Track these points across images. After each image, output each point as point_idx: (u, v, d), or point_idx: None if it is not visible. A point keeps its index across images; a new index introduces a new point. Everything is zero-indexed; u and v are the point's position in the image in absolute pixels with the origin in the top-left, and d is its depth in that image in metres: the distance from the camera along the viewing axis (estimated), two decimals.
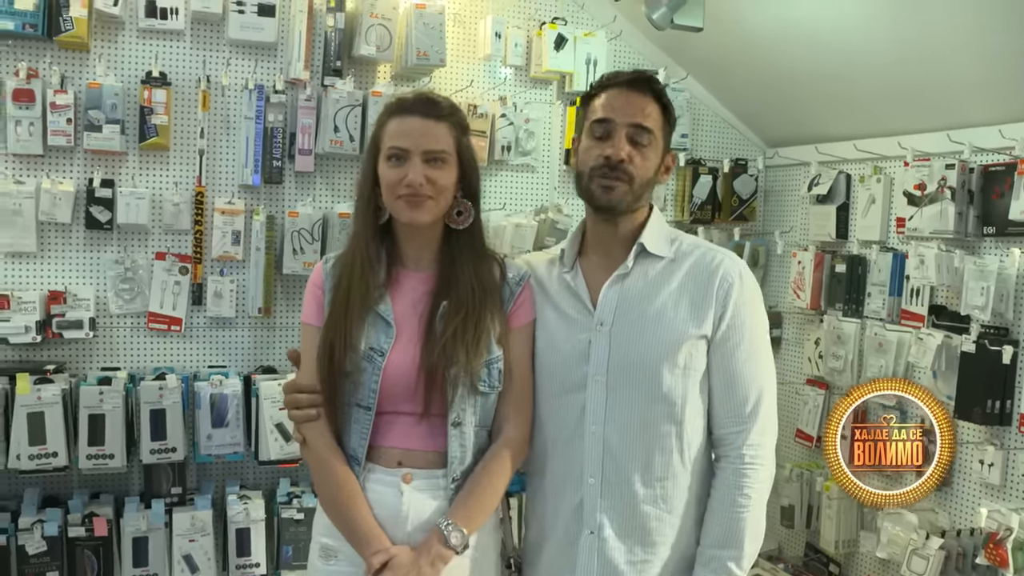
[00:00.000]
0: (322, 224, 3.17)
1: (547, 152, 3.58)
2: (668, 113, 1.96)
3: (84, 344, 3.01)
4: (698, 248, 1.98)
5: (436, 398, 1.88)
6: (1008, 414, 2.71)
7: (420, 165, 1.85)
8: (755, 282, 1.97)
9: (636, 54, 3.70)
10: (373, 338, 1.89)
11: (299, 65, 3.10)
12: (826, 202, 3.46)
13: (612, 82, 1.95)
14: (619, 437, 1.91)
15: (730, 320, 1.90)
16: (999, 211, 2.75)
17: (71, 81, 2.94)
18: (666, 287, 1.93)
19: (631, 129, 1.89)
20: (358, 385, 1.89)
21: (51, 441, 2.74)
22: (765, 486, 1.91)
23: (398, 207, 1.88)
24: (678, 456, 1.91)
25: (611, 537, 1.92)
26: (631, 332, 1.91)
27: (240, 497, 3.04)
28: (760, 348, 1.94)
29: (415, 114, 1.88)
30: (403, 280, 1.96)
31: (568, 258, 2.02)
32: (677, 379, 1.89)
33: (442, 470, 1.91)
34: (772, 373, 1.96)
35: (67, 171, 2.96)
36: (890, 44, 2.82)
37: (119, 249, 3.03)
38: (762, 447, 1.90)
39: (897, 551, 2.92)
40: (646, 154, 1.90)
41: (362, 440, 1.90)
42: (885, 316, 3.15)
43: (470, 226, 1.97)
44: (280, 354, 3.23)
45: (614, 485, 1.92)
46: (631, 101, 1.90)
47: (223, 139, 3.13)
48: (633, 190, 1.90)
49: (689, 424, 1.91)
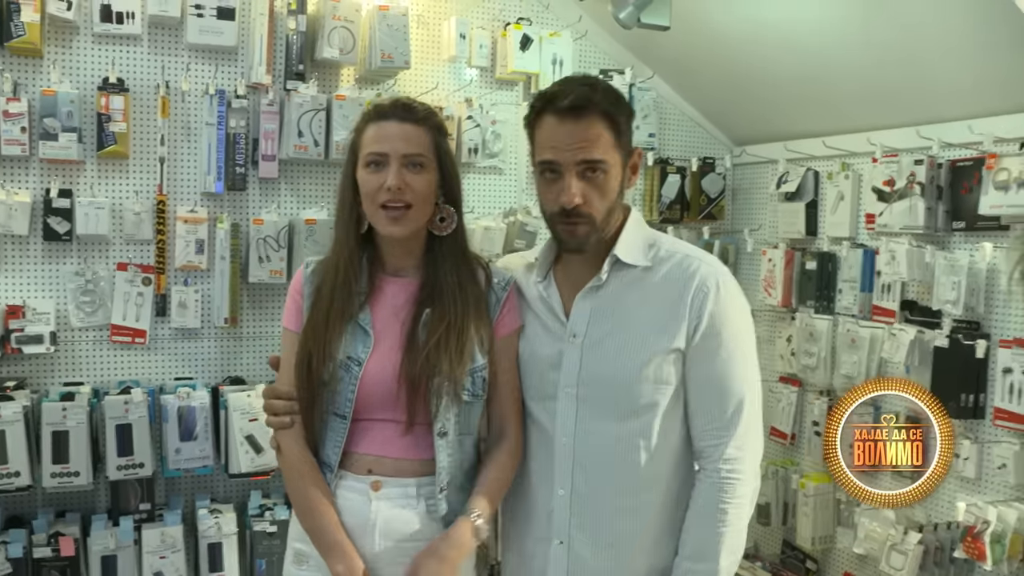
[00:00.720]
0: (288, 231, 3.11)
1: (514, 154, 3.54)
2: (619, 121, 1.82)
3: (45, 359, 2.93)
4: (675, 255, 1.90)
5: (420, 407, 1.85)
6: (982, 408, 2.72)
7: (399, 170, 1.82)
8: (736, 289, 1.90)
9: (602, 54, 3.68)
10: (351, 347, 1.87)
11: (261, 69, 3.04)
12: (795, 199, 3.47)
13: (550, 108, 1.81)
14: (589, 450, 1.88)
15: (705, 329, 1.82)
16: (968, 206, 2.77)
17: (24, 88, 2.85)
18: (640, 298, 1.87)
19: (580, 167, 1.79)
20: (335, 394, 1.87)
21: (13, 460, 2.66)
22: (744, 501, 1.85)
23: (378, 218, 1.86)
24: (650, 469, 1.87)
25: (581, 547, 1.90)
26: (603, 345, 1.87)
27: (211, 511, 2.98)
28: (739, 358, 1.85)
29: (392, 119, 1.86)
30: (385, 287, 1.93)
31: (541, 269, 1.98)
32: (649, 393, 1.84)
33: (414, 479, 1.88)
34: (755, 384, 1.88)
35: (23, 181, 2.88)
36: (859, 41, 2.83)
37: (79, 260, 2.95)
38: (741, 461, 1.84)
39: (874, 547, 2.93)
40: (603, 185, 1.81)
41: (336, 448, 1.88)
42: (857, 312, 3.15)
43: (453, 232, 1.94)
44: (248, 364, 3.16)
45: (584, 497, 1.89)
46: (574, 134, 1.78)
47: (184, 146, 3.06)
48: (597, 225, 1.84)
49: (662, 437, 1.86)
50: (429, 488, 1.88)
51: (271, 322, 3.18)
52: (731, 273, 1.92)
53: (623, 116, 1.84)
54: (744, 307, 1.91)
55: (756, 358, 1.90)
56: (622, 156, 1.85)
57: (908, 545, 2.76)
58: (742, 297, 1.91)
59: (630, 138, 1.89)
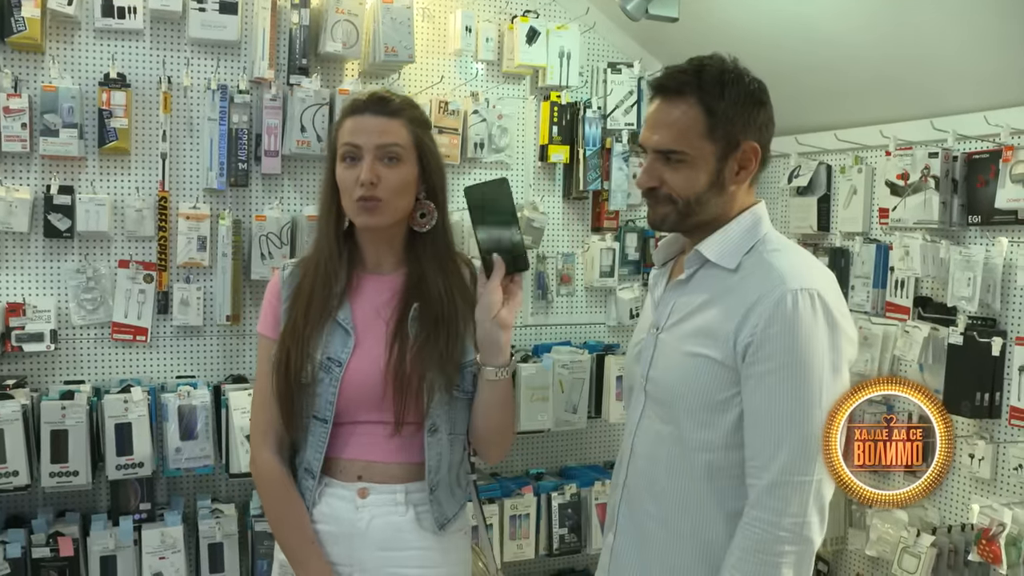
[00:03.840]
0: (291, 227, 3.08)
1: (521, 148, 3.49)
2: (715, 111, 1.71)
3: (45, 357, 2.90)
4: (766, 262, 1.71)
5: (410, 406, 1.81)
6: (998, 407, 2.65)
7: (372, 163, 1.79)
8: (821, 312, 1.63)
9: (610, 46, 3.62)
10: (331, 347, 1.83)
11: (263, 64, 3.01)
12: (807, 194, 3.40)
13: (651, 89, 1.80)
14: (642, 447, 1.83)
15: (756, 349, 1.63)
16: (984, 200, 2.69)
17: (25, 84, 2.83)
18: (708, 301, 1.74)
19: (656, 154, 1.75)
20: (315, 397, 1.83)
21: (11, 459, 2.64)
22: (774, 559, 1.61)
23: (353, 211, 1.82)
24: (686, 483, 1.74)
25: (621, 544, 1.86)
26: (670, 345, 1.79)
27: (212, 511, 2.95)
28: (792, 390, 1.61)
29: (367, 112, 1.83)
30: (364, 284, 1.90)
31: (660, 254, 1.95)
32: (689, 404, 1.72)
33: (401, 485, 1.85)
34: (809, 424, 1.62)
35: (23, 178, 2.85)
36: (871, 31, 2.76)
37: (80, 258, 2.92)
38: (774, 511, 1.61)
39: (887, 549, 2.86)
40: (683, 172, 1.73)
41: (318, 453, 1.85)
42: (870, 309, 3.08)
43: (434, 228, 1.89)
44: (250, 362, 3.13)
45: (633, 494, 1.85)
46: (658, 116, 1.75)
47: (186, 142, 3.03)
48: (679, 209, 1.75)
49: (702, 453, 1.72)
50: (418, 495, 1.85)
51: None
52: (832, 290, 1.70)
53: (721, 106, 1.72)
54: (821, 337, 1.63)
55: (825, 394, 1.63)
56: (713, 150, 1.73)
57: (921, 548, 2.70)
58: (824, 323, 1.63)
59: (736, 128, 1.74)
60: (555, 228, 3.57)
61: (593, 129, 3.46)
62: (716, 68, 1.75)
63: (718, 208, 1.78)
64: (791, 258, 1.73)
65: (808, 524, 1.62)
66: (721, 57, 1.79)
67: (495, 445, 1.95)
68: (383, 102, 1.85)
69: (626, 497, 1.86)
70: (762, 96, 1.79)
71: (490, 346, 1.80)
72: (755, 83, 1.79)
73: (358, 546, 1.83)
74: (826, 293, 1.65)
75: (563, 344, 3.53)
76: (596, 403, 3.49)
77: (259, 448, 1.89)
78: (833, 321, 1.64)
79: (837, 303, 1.68)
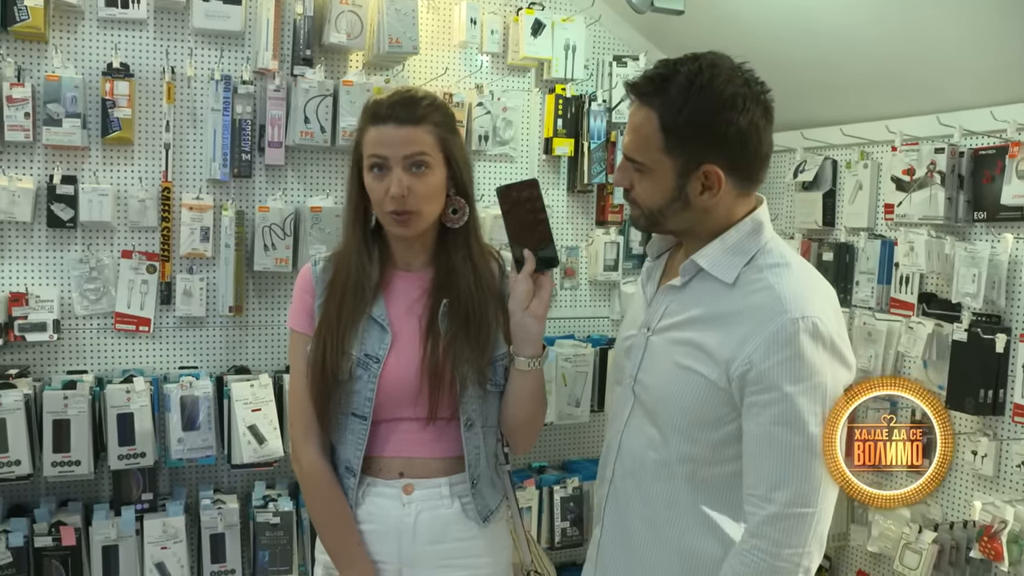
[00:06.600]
0: (294, 219, 3.07)
1: (526, 141, 3.48)
2: (671, 128, 1.64)
3: (48, 347, 2.90)
4: (765, 279, 1.66)
5: (444, 401, 1.83)
6: (1001, 404, 2.64)
7: (401, 174, 1.78)
8: (823, 341, 1.60)
9: (616, 39, 3.61)
10: (368, 344, 1.83)
11: (267, 54, 3.00)
12: (812, 189, 3.39)
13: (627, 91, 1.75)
14: (630, 446, 1.82)
15: (755, 380, 1.59)
16: (990, 196, 2.68)
17: (28, 73, 2.82)
18: (706, 316, 1.69)
19: (629, 159, 1.72)
20: (352, 393, 1.83)
21: (14, 449, 2.64)
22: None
23: (387, 221, 1.84)
24: (671, 488, 1.73)
25: (608, 539, 1.85)
26: (661, 350, 1.75)
27: (214, 502, 2.95)
28: (797, 425, 1.58)
29: (391, 122, 1.81)
30: (397, 282, 1.90)
31: (654, 247, 1.94)
32: (682, 421, 1.69)
33: (445, 478, 1.86)
34: (812, 459, 1.59)
35: (26, 167, 2.85)
36: (877, 26, 2.74)
37: (83, 248, 2.92)
38: (774, 542, 1.57)
39: (889, 545, 2.86)
40: (644, 181, 1.69)
41: (358, 451, 1.85)
42: (874, 305, 3.07)
43: (465, 224, 1.90)
44: (252, 353, 3.13)
45: (619, 490, 1.84)
46: (629, 124, 1.71)
47: (189, 132, 3.03)
48: (646, 216, 1.73)
49: (686, 464, 1.70)
50: (461, 486, 1.87)
51: (276, 311, 3.15)
52: (832, 313, 1.66)
53: (679, 119, 1.63)
54: (821, 366, 1.60)
55: (826, 424, 1.61)
56: (675, 162, 1.65)
57: (922, 544, 2.69)
58: (824, 353, 1.60)
59: (695, 146, 1.65)
60: (559, 221, 3.56)
61: (598, 122, 3.45)
62: (686, 77, 1.63)
63: (690, 221, 1.72)
64: (792, 279, 1.65)
65: (808, 555, 1.60)
66: (700, 63, 1.66)
67: (525, 435, 1.98)
68: (407, 108, 1.81)
69: (613, 493, 1.85)
70: (740, 104, 1.65)
71: (523, 337, 1.84)
72: (735, 89, 1.65)
73: (407, 542, 1.84)
74: (826, 321, 1.61)
75: (567, 338, 3.53)
76: (599, 397, 3.47)
77: (303, 446, 1.89)
78: (832, 349, 1.62)
79: (837, 328, 1.64)
